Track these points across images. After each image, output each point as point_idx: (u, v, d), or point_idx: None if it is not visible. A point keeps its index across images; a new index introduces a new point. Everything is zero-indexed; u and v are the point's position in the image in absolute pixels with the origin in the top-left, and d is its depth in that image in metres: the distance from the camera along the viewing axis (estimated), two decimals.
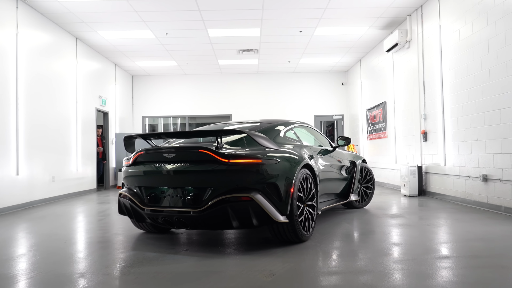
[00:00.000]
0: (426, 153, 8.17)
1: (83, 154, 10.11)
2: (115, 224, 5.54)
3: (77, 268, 3.38)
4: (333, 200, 5.58)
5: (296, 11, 8.33)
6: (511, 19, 5.47)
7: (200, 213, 3.68)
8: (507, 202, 5.67)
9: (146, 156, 4.05)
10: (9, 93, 7.13)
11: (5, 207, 6.94)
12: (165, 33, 9.59)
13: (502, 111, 5.71)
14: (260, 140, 3.99)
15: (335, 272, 3.13)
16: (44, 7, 7.89)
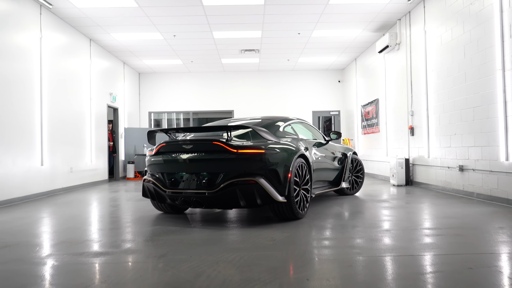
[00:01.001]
0: (413, 147, 8.95)
1: (96, 147, 10.89)
2: (134, 208, 6.33)
3: (118, 237, 4.18)
4: (326, 187, 6.38)
5: (294, 16, 9.09)
6: (482, 29, 6.23)
7: (213, 194, 4.47)
8: (478, 189, 6.46)
9: (167, 147, 4.83)
10: (34, 91, 7.88)
11: (32, 194, 7.72)
12: (173, 35, 10.34)
13: (475, 109, 6.48)
14: (263, 134, 4.78)
15: (327, 238, 3.92)
16: (64, 13, 8.63)
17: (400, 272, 2.84)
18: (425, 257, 3.18)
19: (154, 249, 3.60)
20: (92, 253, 3.53)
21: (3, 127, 6.86)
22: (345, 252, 3.42)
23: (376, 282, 2.63)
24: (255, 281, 2.65)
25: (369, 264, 3.05)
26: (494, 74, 5.93)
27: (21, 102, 7.42)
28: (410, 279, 2.67)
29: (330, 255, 3.36)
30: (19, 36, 7.43)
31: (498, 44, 5.83)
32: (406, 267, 2.95)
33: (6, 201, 6.90)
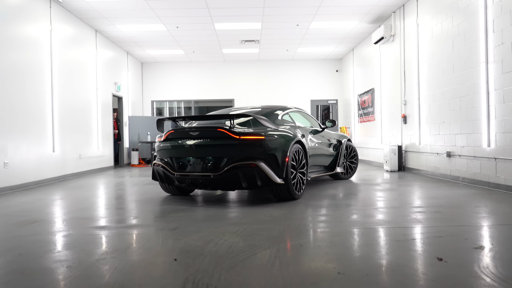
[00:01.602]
0: (405, 134, 9.40)
1: (103, 135, 11.34)
2: (142, 191, 6.80)
3: (133, 214, 4.65)
4: (322, 171, 6.85)
5: (293, 9, 9.46)
6: (468, 23, 6.64)
7: (218, 176, 4.94)
8: (463, 173, 6.93)
9: (175, 134, 5.28)
10: (45, 81, 8.29)
11: (45, 179, 8.19)
12: (176, 26, 10.71)
13: (461, 99, 6.92)
14: (263, 122, 5.24)
15: (321, 215, 4.40)
16: (73, 6, 9.01)
17: (380, 239, 3.31)
18: (404, 229, 3.65)
19: (167, 224, 4.07)
20: (112, 227, 4.00)
21: (18, 116, 7.29)
22: (336, 225, 3.89)
23: (360, 246, 3.11)
24: (256, 247, 3.12)
25: (357, 234, 3.53)
26: (479, 66, 6.36)
27: (33, 92, 7.84)
28: (388, 244, 3.15)
29: (323, 227, 3.83)
30: (31, 28, 7.82)
31: (483, 38, 6.24)
32: (386, 235, 3.43)
33: (22, 185, 7.37)
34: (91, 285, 2.39)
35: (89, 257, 2.96)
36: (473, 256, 2.78)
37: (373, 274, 2.48)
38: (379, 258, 2.81)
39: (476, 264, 2.60)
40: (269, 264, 2.69)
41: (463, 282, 2.30)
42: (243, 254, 2.93)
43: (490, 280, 2.32)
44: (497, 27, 5.92)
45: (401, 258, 2.80)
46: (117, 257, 2.94)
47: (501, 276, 2.38)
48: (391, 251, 2.99)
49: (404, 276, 2.44)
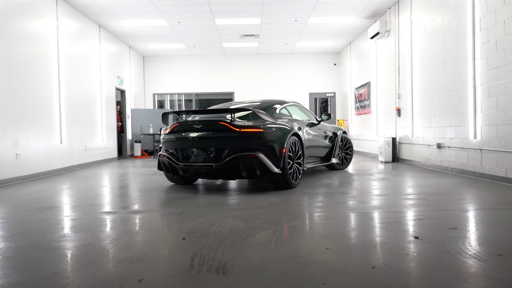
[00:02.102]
0: (399, 126, 9.76)
1: (107, 127, 11.69)
2: (147, 181, 7.17)
3: (141, 201, 5.03)
4: (318, 162, 7.22)
5: (291, 5, 9.76)
6: (458, 21, 6.97)
7: (220, 166, 5.30)
8: (452, 164, 7.30)
9: (180, 127, 5.64)
10: (52, 75, 8.62)
11: (53, 170, 8.56)
12: (178, 21, 11.01)
13: (451, 93, 7.27)
14: (262, 115, 5.59)
15: (316, 201, 4.77)
16: (78, 2, 9.31)
17: (367, 222, 3.68)
18: (389, 213, 4.02)
19: (173, 209, 4.44)
20: (124, 212, 4.38)
21: (28, 109, 7.64)
22: (329, 210, 4.27)
23: (348, 228, 3.49)
24: (255, 228, 3.50)
25: (346, 217, 3.90)
26: (466, 62, 6.70)
27: (41, 85, 8.17)
28: (373, 226, 3.52)
29: (316, 212, 4.21)
30: (39, 24, 8.14)
31: (470, 36, 6.58)
32: (372, 219, 3.80)
33: (32, 175, 7.74)
34: (113, 258, 2.76)
35: (107, 237, 3.34)
36: (446, 235, 3.15)
37: (356, 250, 2.86)
38: (363, 237, 3.19)
39: (446, 242, 2.98)
40: (266, 242, 3.06)
41: (433, 255, 2.68)
42: (244, 234, 3.30)
43: (457, 254, 2.69)
44: (483, 25, 6.25)
45: (383, 237, 3.18)
46: (131, 237, 3.31)
47: (466, 250, 2.76)
48: (374, 231, 3.36)
49: (383, 250, 2.81)
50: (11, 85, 7.14)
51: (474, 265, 2.47)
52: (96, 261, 2.72)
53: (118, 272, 2.49)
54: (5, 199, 5.46)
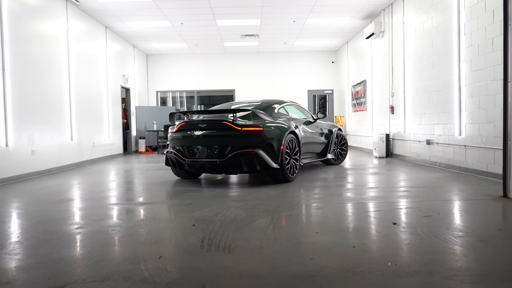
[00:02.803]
0: (393, 123, 10.25)
1: (113, 124, 12.18)
2: (154, 175, 7.67)
3: (151, 194, 5.53)
4: (314, 157, 7.72)
5: (289, 7, 10.22)
6: (445, 25, 7.43)
7: (223, 162, 5.80)
8: (440, 159, 7.80)
9: (186, 126, 6.13)
10: (63, 75, 9.10)
11: (65, 165, 9.06)
12: (181, 23, 11.47)
13: (439, 92, 7.75)
14: (261, 115, 6.08)
15: (311, 193, 5.27)
16: (87, 6, 9.77)
17: (353, 211, 4.18)
18: (375, 203, 4.52)
19: (182, 201, 4.95)
20: (138, 203, 4.88)
21: (42, 107, 8.12)
22: (322, 201, 4.77)
23: (337, 215, 3.99)
24: (255, 216, 3.99)
25: (336, 207, 4.40)
26: (452, 64, 7.17)
27: (53, 85, 8.65)
28: (358, 214, 4.02)
29: (311, 203, 4.71)
30: (50, 26, 8.60)
31: (456, 39, 7.05)
32: (359, 208, 4.30)
33: (46, 170, 8.24)
34: (135, 241, 3.27)
35: (127, 224, 3.85)
36: (420, 222, 3.65)
37: (342, 233, 3.36)
38: (349, 223, 3.69)
39: (419, 227, 3.47)
40: (265, 228, 3.56)
41: (404, 237, 3.17)
42: (245, 221, 3.80)
43: (425, 236, 3.19)
44: (467, 30, 6.72)
45: (365, 223, 3.68)
46: (148, 224, 3.81)
47: (434, 233, 3.25)
48: (359, 218, 3.86)
49: (364, 233, 3.31)
50: (27, 85, 7.62)
51: (437, 245, 2.97)
52: (121, 243, 3.23)
53: (141, 251, 2.99)
54: (28, 192, 5.96)
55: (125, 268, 2.63)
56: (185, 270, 2.58)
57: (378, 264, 2.59)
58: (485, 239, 3.08)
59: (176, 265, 2.70)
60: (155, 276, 2.48)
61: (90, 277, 2.49)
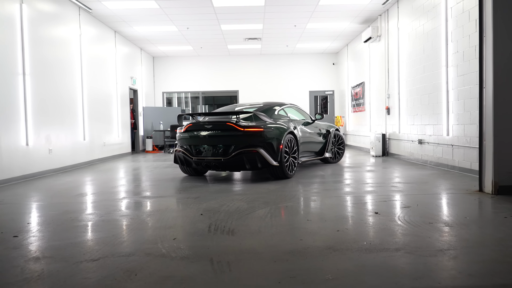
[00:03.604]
0: (388, 124, 10.75)
1: (122, 124, 12.75)
2: (163, 173, 8.22)
3: (161, 189, 6.08)
4: (312, 156, 8.25)
5: (290, 13, 10.75)
6: (435, 32, 7.93)
7: (227, 160, 6.34)
8: (430, 158, 8.30)
9: (193, 127, 6.68)
10: (76, 77, 9.65)
11: (78, 163, 9.63)
12: (187, 27, 12.02)
13: (430, 95, 8.25)
14: (262, 117, 6.62)
15: (309, 189, 5.80)
16: (98, 13, 10.34)
17: (342, 203, 4.71)
18: (362, 197, 5.04)
19: (190, 195, 5.49)
20: (150, 197, 5.43)
21: (57, 109, 8.68)
22: (316, 194, 5.30)
23: (327, 206, 4.52)
24: (255, 207, 4.53)
25: (328, 200, 4.93)
26: (441, 69, 7.67)
27: (67, 87, 9.22)
28: (346, 205, 4.55)
29: (306, 196, 5.24)
30: (64, 31, 9.17)
31: (444, 46, 7.55)
32: (347, 201, 4.83)
33: (61, 168, 8.80)
34: (151, 226, 3.81)
35: (142, 214, 4.39)
36: (399, 211, 4.17)
37: (329, 220, 3.89)
38: (337, 212, 4.22)
39: (397, 215, 4.00)
40: (264, 216, 4.10)
41: (382, 223, 3.70)
42: (247, 211, 4.33)
43: (400, 223, 3.71)
44: (454, 38, 7.22)
45: (352, 212, 4.21)
46: (161, 213, 4.36)
47: (408, 220, 3.77)
48: (347, 209, 4.39)
49: (348, 221, 3.84)
50: (44, 88, 8.18)
51: (408, 229, 3.50)
52: (140, 228, 3.77)
53: (157, 234, 3.53)
54: (48, 188, 6.53)
55: (145, 247, 3.17)
56: (196, 248, 3.12)
57: (356, 243, 3.11)
58: (451, 225, 3.60)
59: (188, 244, 3.24)
60: (171, 253, 3.02)
61: (117, 253, 3.04)
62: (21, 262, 2.89)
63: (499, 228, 3.55)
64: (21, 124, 7.39)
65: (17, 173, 7.21)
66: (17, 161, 7.23)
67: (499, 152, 4.95)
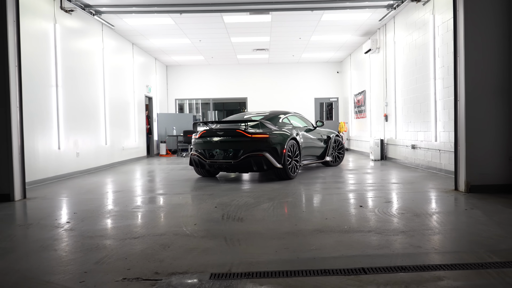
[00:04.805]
0: (386, 130, 11.55)
1: (138, 129, 13.70)
2: (178, 174, 9.11)
3: (179, 188, 6.97)
4: (314, 159, 9.09)
5: (295, 28, 11.62)
6: (425, 47, 8.73)
7: (237, 162, 7.21)
8: (422, 161, 9.09)
9: (207, 133, 7.56)
10: (98, 86, 10.61)
11: (101, 166, 10.57)
12: (199, 40, 12.95)
13: (421, 104, 9.05)
14: (267, 124, 7.49)
15: (309, 188, 6.64)
16: (118, 28, 11.31)
17: (334, 198, 5.55)
18: (352, 193, 5.86)
19: (204, 192, 6.36)
20: (170, 193, 6.32)
21: (84, 115, 9.63)
22: (314, 192, 6.14)
23: (321, 201, 5.36)
24: (261, 202, 5.38)
25: (323, 196, 5.77)
26: (430, 81, 8.48)
27: (91, 95, 10.17)
28: (337, 200, 5.39)
29: (305, 193, 6.08)
30: (89, 45, 10.14)
31: (432, 60, 8.36)
32: (338, 196, 5.66)
33: (87, 170, 9.74)
34: (176, 216, 4.68)
35: (165, 206, 5.28)
36: (380, 205, 5.00)
37: (321, 212, 4.73)
38: (328, 206, 5.06)
39: (378, 208, 4.83)
40: (267, 208, 4.95)
41: (364, 214, 4.53)
42: (253, 205, 5.19)
43: (378, 213, 4.54)
44: (440, 54, 8.03)
45: (340, 206, 5.05)
46: (181, 206, 5.23)
47: (385, 212, 4.60)
48: (338, 203, 5.23)
49: (336, 212, 4.68)
50: (72, 97, 9.13)
51: (383, 218, 4.32)
52: (165, 217, 4.65)
53: (181, 221, 4.40)
54: (79, 186, 7.44)
55: (173, 230, 4.04)
56: (212, 231, 3.98)
57: (339, 227, 3.96)
58: (418, 215, 4.42)
59: (206, 228, 4.10)
60: (193, 233, 3.88)
61: (152, 233, 3.91)
62: (80, 239, 3.78)
63: (457, 217, 4.37)
64: (54, 131, 8.34)
65: (50, 173, 8.14)
66: (51, 163, 8.17)
67: (470, 156, 5.76)
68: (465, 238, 3.60)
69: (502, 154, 5.83)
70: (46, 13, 8.13)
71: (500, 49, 5.79)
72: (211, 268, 2.91)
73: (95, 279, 2.75)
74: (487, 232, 3.72)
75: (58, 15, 8.50)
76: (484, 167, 5.82)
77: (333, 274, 2.74)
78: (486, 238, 3.52)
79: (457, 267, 2.82)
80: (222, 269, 2.88)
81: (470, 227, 3.94)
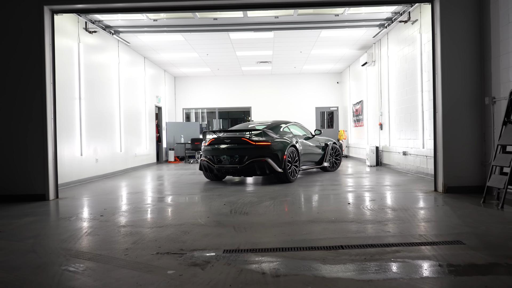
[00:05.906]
0: (381, 138, 12.36)
1: (149, 137, 14.59)
2: (189, 178, 9.95)
3: (191, 189, 7.81)
4: (312, 165, 9.92)
5: (295, 43, 12.52)
6: (414, 63, 9.58)
7: (242, 167, 8.05)
8: (412, 167, 9.90)
9: (215, 141, 8.42)
10: (114, 97, 11.52)
11: (116, 171, 11.44)
12: (206, 54, 13.87)
13: (411, 114, 9.88)
14: (269, 133, 8.36)
15: (308, 190, 7.45)
16: (133, 44, 12.25)
17: (328, 198, 6.37)
18: (344, 193, 6.68)
19: (213, 193, 7.20)
20: (183, 194, 7.16)
21: (101, 124, 10.53)
22: (310, 193, 6.97)
23: (317, 200, 6.19)
24: (263, 201, 6.21)
25: (318, 196, 6.59)
26: (418, 93, 9.32)
27: (107, 105, 11.08)
28: (330, 200, 6.21)
29: (303, 194, 6.91)
30: (106, 59, 11.06)
31: (419, 75, 9.20)
32: (331, 196, 6.48)
33: (104, 175, 10.61)
34: (191, 211, 5.53)
35: (180, 204, 6.13)
36: (366, 202, 5.82)
37: (314, 207, 5.56)
38: (322, 203, 5.88)
39: (363, 205, 5.64)
40: (269, 205, 5.78)
41: (350, 209, 5.36)
42: (257, 203, 6.02)
43: (362, 209, 5.35)
44: (426, 69, 8.87)
45: (332, 204, 5.87)
46: (195, 204, 6.08)
47: (369, 208, 5.41)
48: (330, 201, 6.06)
49: (327, 208, 5.51)
50: (91, 107, 10.03)
51: (365, 212, 5.14)
52: (181, 212, 5.50)
53: (195, 214, 5.24)
54: (101, 189, 8.30)
55: (190, 221, 4.88)
56: (223, 222, 4.81)
57: (327, 219, 4.78)
58: (396, 209, 5.24)
59: (217, 219, 4.94)
60: (208, 223, 4.72)
61: (173, 224, 4.75)
62: (115, 227, 4.63)
63: (427, 211, 5.19)
64: (77, 139, 9.22)
65: (74, 178, 9.02)
66: (75, 168, 9.05)
67: (447, 161, 6.59)
68: (426, 226, 4.42)
69: (476, 160, 6.64)
70: (71, 33, 9.06)
71: (474, 66, 6.63)
72: (224, 246, 3.74)
73: (135, 253, 3.60)
74: (446, 221, 4.55)
75: (81, 35, 9.44)
76: (460, 170, 6.63)
77: (318, 250, 3.57)
78: (444, 226, 4.34)
79: (412, 245, 3.65)
80: (232, 247, 3.71)
81: (434, 218, 4.76)
